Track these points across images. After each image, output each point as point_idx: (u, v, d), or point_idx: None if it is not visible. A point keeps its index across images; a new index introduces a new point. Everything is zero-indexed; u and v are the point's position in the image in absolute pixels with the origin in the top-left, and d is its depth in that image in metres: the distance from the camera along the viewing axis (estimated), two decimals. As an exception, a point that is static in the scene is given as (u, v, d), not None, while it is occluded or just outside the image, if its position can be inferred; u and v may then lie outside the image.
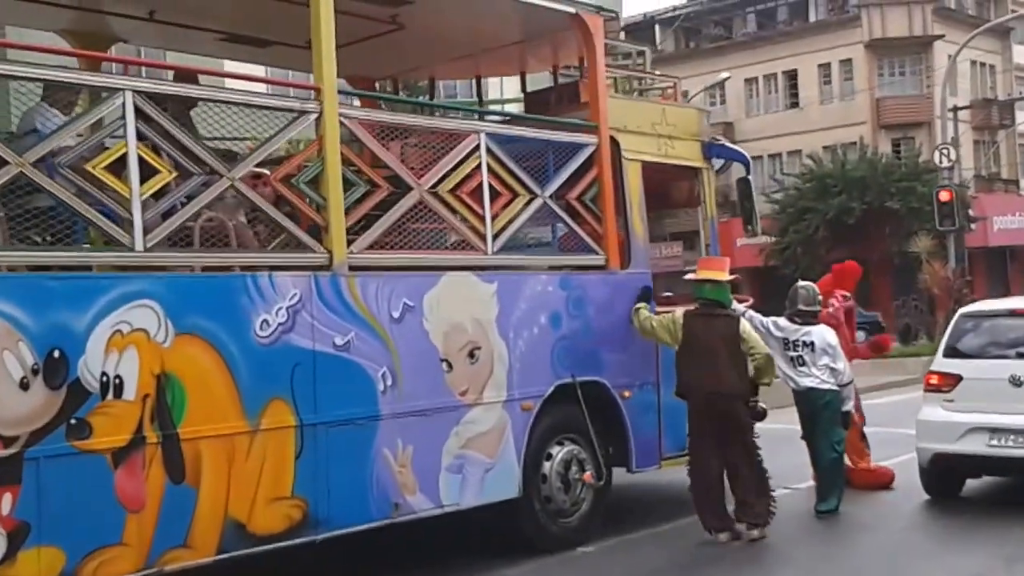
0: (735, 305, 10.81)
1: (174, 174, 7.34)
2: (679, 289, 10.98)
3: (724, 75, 37.12)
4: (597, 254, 10.01)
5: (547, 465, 9.62)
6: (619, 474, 10.39)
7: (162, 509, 7.10)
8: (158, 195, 7.26)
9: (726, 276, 10.22)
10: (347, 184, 8.25)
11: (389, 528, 8.46)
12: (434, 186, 8.81)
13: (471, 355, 8.91)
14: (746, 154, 11.81)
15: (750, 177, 11.58)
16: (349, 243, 8.22)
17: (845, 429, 10.79)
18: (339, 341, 8.05)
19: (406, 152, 9.26)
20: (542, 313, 9.47)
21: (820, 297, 10.90)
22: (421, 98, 12.74)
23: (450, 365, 8.76)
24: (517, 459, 9.23)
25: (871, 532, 10.13)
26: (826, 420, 10.61)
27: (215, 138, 8.04)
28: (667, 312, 10.18)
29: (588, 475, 9.73)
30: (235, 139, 8.19)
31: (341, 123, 8.20)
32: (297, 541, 7.84)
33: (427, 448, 8.60)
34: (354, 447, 8.15)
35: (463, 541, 9.74)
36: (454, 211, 8.96)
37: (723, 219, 42.45)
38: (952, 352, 11.03)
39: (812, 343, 10.60)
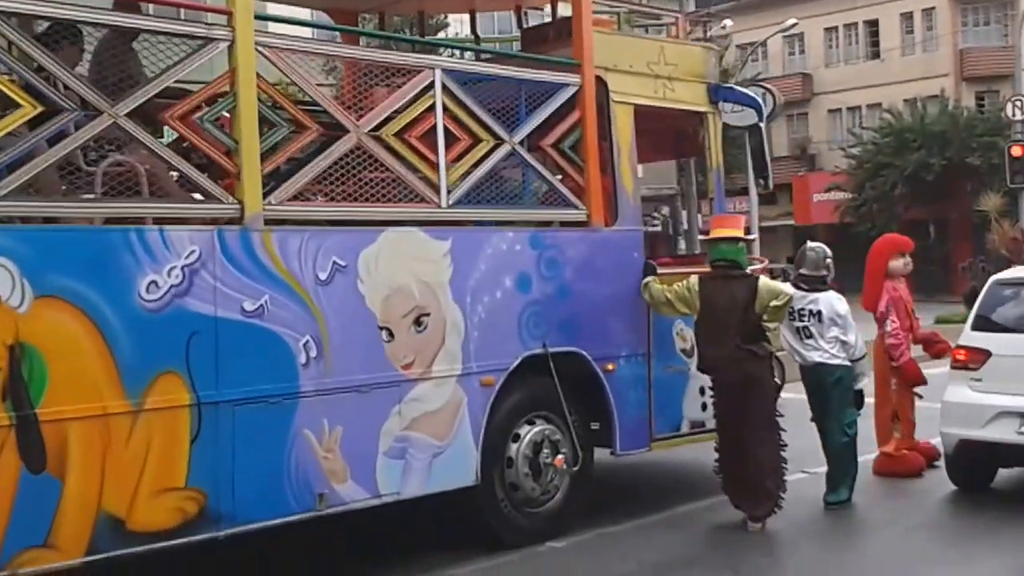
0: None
1: (38, 109, 6.21)
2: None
3: (791, 21, 35.20)
4: (577, 209, 8.81)
5: (514, 448, 8.48)
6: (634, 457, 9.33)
7: (16, 503, 6.03)
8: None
9: (741, 233, 8.97)
10: (268, 125, 7.10)
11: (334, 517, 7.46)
12: (376, 129, 7.62)
13: (417, 322, 7.77)
14: (758, 99, 10.48)
15: (762, 124, 10.16)
16: (267, 193, 7.07)
17: (858, 409, 9.49)
18: (249, 306, 6.94)
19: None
20: (507, 275, 8.29)
21: (830, 261, 9.55)
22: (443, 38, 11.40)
23: (391, 334, 7.63)
24: (475, 441, 8.10)
25: (879, 530, 8.88)
26: (836, 399, 9.35)
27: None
28: (679, 279, 9.03)
29: (560, 459, 8.57)
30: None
31: (259, 52, 7.02)
32: (193, 539, 6.76)
33: (361, 430, 7.50)
34: (266, 429, 7.05)
35: (415, 531, 8.61)
36: (401, 158, 7.76)
37: (798, 172, 41.30)
38: (982, 324, 9.69)
39: (819, 312, 9.34)
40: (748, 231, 9.81)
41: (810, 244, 9.83)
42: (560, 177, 8.78)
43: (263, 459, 7.03)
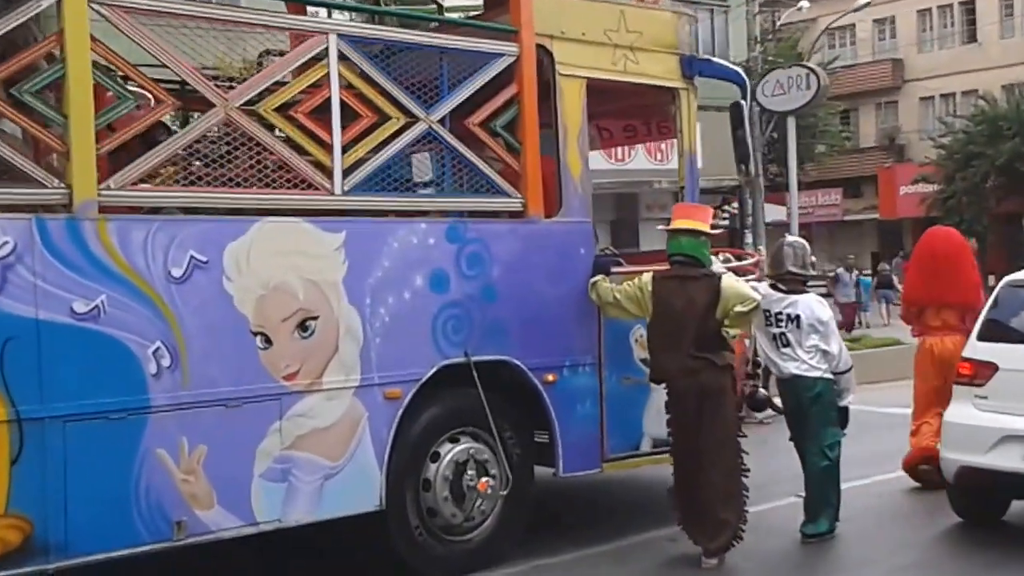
0: (716, 265, 8.43)
1: None
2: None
3: (862, 1, 33.47)
4: (510, 197, 7.71)
5: (432, 468, 7.43)
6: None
7: None
8: None
9: (707, 227, 7.81)
10: (109, 98, 6.15)
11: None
12: (251, 102, 6.62)
13: (302, 327, 6.76)
14: (741, 73, 9.23)
15: (744, 102, 8.96)
16: (106, 176, 6.11)
17: (843, 428, 8.26)
18: (81, 307, 6.01)
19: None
20: (418, 273, 7.25)
21: (813, 259, 8.35)
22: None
23: (268, 340, 6.64)
24: (378, 461, 7.09)
25: (857, 570, 7.65)
26: (816, 417, 8.15)
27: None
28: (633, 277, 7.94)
29: (484, 482, 7.50)
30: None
31: (94, 11, 6.07)
32: (17, 572, 5.80)
33: (230, 449, 6.54)
34: (107, 448, 6.12)
35: (322, 556, 7.63)
36: (284, 137, 6.76)
37: (885, 164, 39.47)
38: (991, 333, 8.35)
39: (797, 317, 8.13)
40: (716, 226, 8.62)
41: (788, 239, 8.66)
42: (491, 161, 7.68)
43: (103, 482, 6.11)
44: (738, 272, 8.99)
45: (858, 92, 47.13)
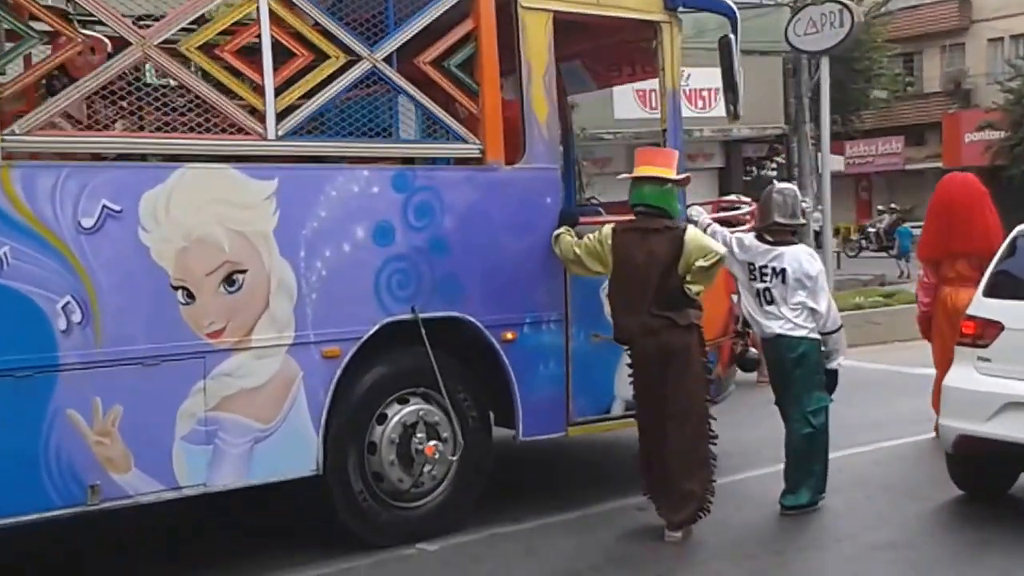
0: (696, 214, 7.96)
1: None
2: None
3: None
4: (467, 142, 7.26)
5: (379, 431, 7.03)
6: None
7: None
8: None
9: (672, 174, 7.29)
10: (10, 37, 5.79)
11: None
12: (172, 41, 6.22)
13: (229, 281, 6.39)
14: (731, 4, 8.57)
15: (732, 36, 8.36)
16: (10, 122, 5.77)
17: (830, 393, 7.74)
18: (-19, 259, 5.63)
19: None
20: (360, 224, 6.84)
21: (805, 205, 7.79)
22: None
23: (190, 294, 6.27)
24: (314, 424, 6.72)
25: (831, 547, 7.17)
26: (799, 380, 7.64)
27: None
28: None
29: (431, 446, 7.10)
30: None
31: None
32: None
33: (148, 410, 6.19)
34: (12, 408, 5.80)
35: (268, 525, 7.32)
36: (209, 77, 6.37)
37: (950, 109, 38.21)
38: (998, 288, 7.72)
39: (783, 271, 7.59)
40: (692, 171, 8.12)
41: (778, 185, 8.06)
42: (448, 104, 7.23)
43: (9, 443, 5.79)
44: (728, 223, 8.50)
45: (922, 34, 45.81)
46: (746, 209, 9.28)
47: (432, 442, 7.10)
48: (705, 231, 7.80)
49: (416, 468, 7.11)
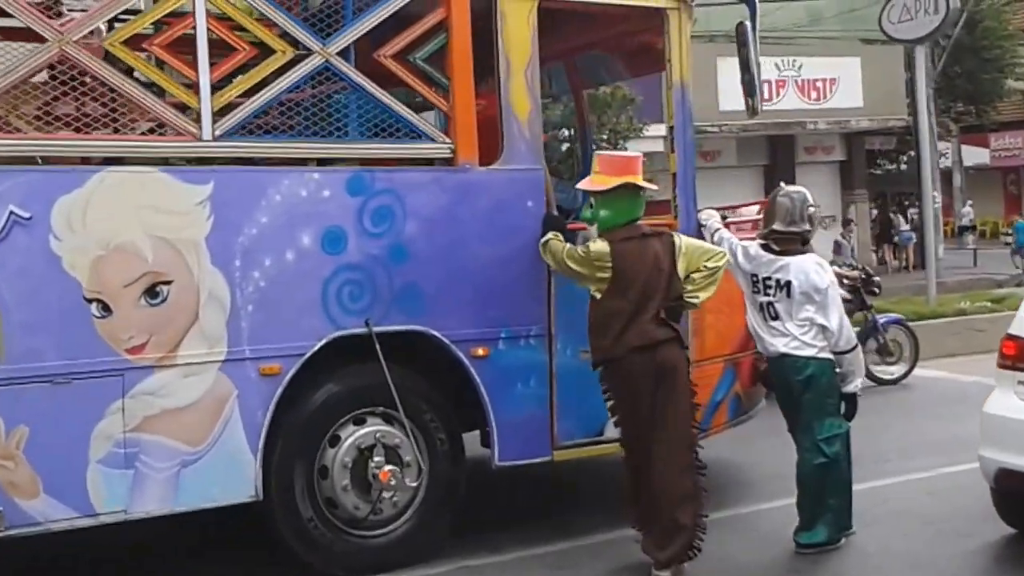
0: (706, 218, 7.28)
1: None
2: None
3: None
4: (435, 142, 6.68)
5: (330, 454, 6.49)
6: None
7: None
8: None
9: (637, 180, 6.58)
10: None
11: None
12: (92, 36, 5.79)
13: (151, 292, 5.92)
14: None
15: (748, 23, 7.62)
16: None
17: (848, 419, 6.96)
18: None
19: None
20: (306, 230, 6.32)
21: (813, 209, 7.04)
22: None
23: (106, 307, 5.82)
24: (251, 446, 6.22)
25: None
26: (808, 405, 6.87)
27: None
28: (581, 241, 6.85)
29: (385, 472, 6.54)
30: None
31: None
32: None
33: (59, 431, 5.76)
34: (-97, 428, 5.38)
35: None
36: (137, 76, 5.93)
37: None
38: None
39: (788, 283, 6.84)
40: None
41: (784, 188, 7.28)
42: (416, 100, 6.69)
43: None
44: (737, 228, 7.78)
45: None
46: (757, 207, 8.51)
47: (388, 467, 6.55)
48: (712, 236, 7.13)
49: (373, 494, 6.54)
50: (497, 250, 6.84)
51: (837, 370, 6.93)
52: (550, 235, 6.77)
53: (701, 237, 7.20)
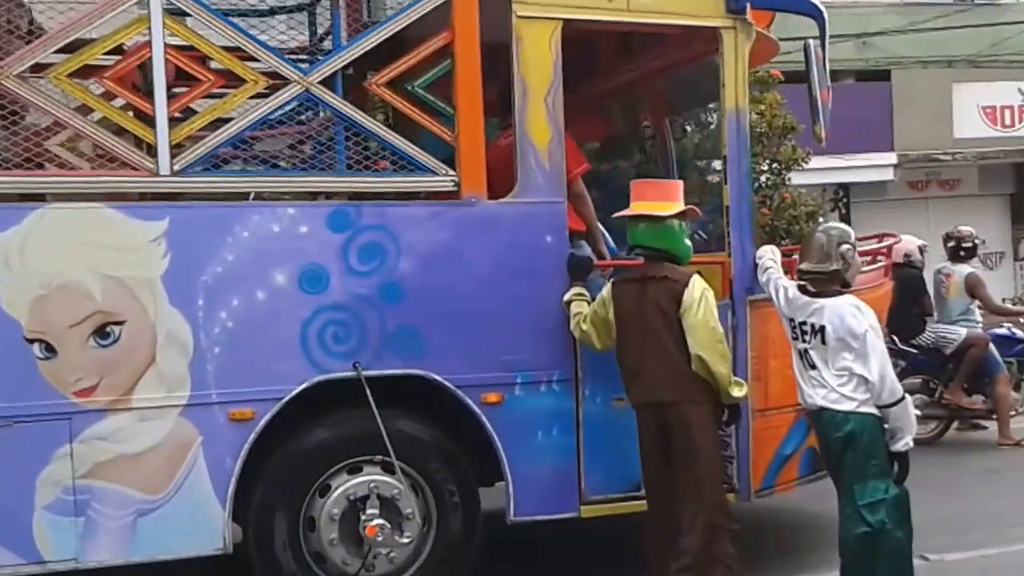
0: (761, 254, 6.43)
1: None
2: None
3: None
4: (437, 174, 6.07)
5: (318, 504, 6.05)
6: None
7: None
8: None
9: (675, 208, 5.92)
10: None
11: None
12: (40, 69, 5.53)
13: (101, 333, 5.61)
14: (818, 5, 6.75)
15: (813, 43, 6.59)
16: None
17: (899, 483, 5.92)
18: None
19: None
20: (280, 268, 5.86)
21: (848, 247, 6.02)
22: None
23: (50, 348, 5.54)
24: (218, 496, 5.84)
25: None
26: (850, 466, 5.88)
27: None
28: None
29: (373, 527, 6.03)
30: None
31: None
32: None
33: (1, 476, 5.54)
34: None
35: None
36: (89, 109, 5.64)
37: None
38: None
39: (822, 329, 5.89)
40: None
41: (823, 224, 6.40)
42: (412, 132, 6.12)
43: None
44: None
45: None
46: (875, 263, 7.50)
47: (376, 521, 6.02)
48: (762, 275, 6.26)
49: (364, 549, 6.06)
50: (510, 289, 6.20)
51: (885, 426, 5.90)
52: (571, 294, 6.21)
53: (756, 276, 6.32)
